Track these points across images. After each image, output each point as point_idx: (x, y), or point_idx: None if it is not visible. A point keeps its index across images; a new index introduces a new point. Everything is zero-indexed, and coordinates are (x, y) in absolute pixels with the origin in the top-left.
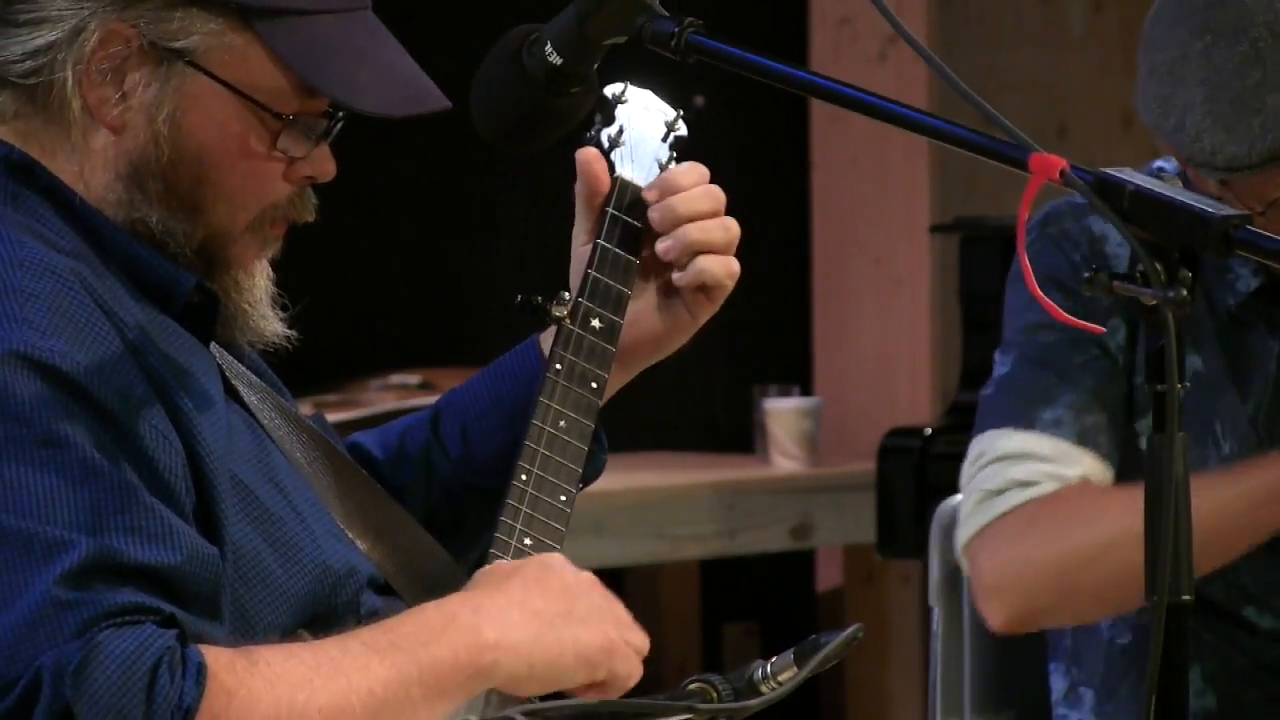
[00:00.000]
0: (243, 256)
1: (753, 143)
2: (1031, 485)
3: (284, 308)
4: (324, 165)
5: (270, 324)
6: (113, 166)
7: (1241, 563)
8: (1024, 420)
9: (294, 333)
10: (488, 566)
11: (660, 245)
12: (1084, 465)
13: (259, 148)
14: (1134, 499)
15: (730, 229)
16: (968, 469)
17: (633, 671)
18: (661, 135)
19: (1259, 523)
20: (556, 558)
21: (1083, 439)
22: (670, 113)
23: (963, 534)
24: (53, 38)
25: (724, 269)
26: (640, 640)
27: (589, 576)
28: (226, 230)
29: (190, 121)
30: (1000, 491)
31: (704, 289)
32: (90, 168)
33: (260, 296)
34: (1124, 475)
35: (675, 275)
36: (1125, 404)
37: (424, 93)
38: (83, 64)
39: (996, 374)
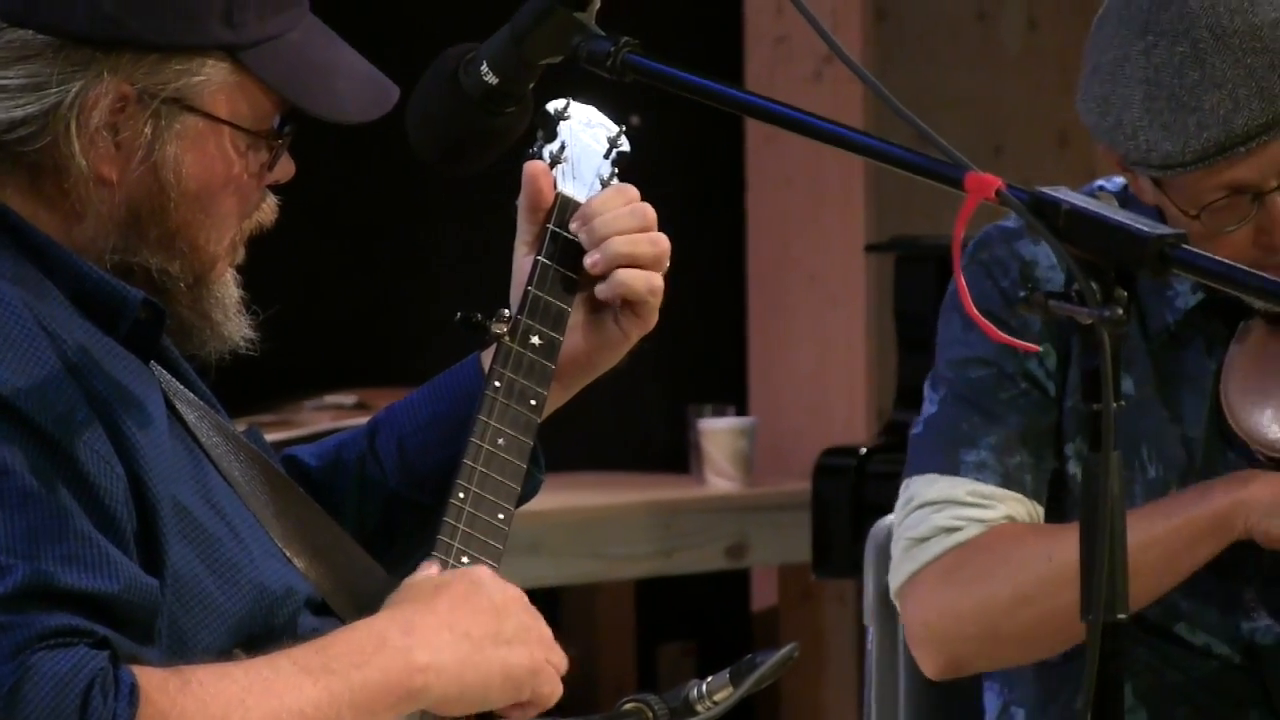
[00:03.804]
0: (223, 271)
1: (688, 162)
2: (955, 531)
3: (254, 314)
4: (286, 168)
5: (239, 329)
6: (110, 216)
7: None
8: (948, 465)
9: (257, 335)
10: (415, 576)
11: (588, 259)
12: (1008, 507)
13: (250, 170)
14: (1053, 544)
15: (658, 243)
16: (898, 513)
17: (555, 691)
18: (604, 151)
19: (1193, 557)
20: (484, 573)
21: (1007, 481)
22: (613, 129)
23: (893, 581)
24: (51, 103)
25: (644, 283)
26: (560, 659)
27: (515, 593)
28: (216, 255)
29: (190, 162)
30: (925, 539)
31: (631, 305)
32: (79, 217)
33: (230, 304)
34: (1055, 502)
35: (598, 288)
36: (1055, 433)
37: (385, 89)
38: (85, 127)
39: (925, 412)
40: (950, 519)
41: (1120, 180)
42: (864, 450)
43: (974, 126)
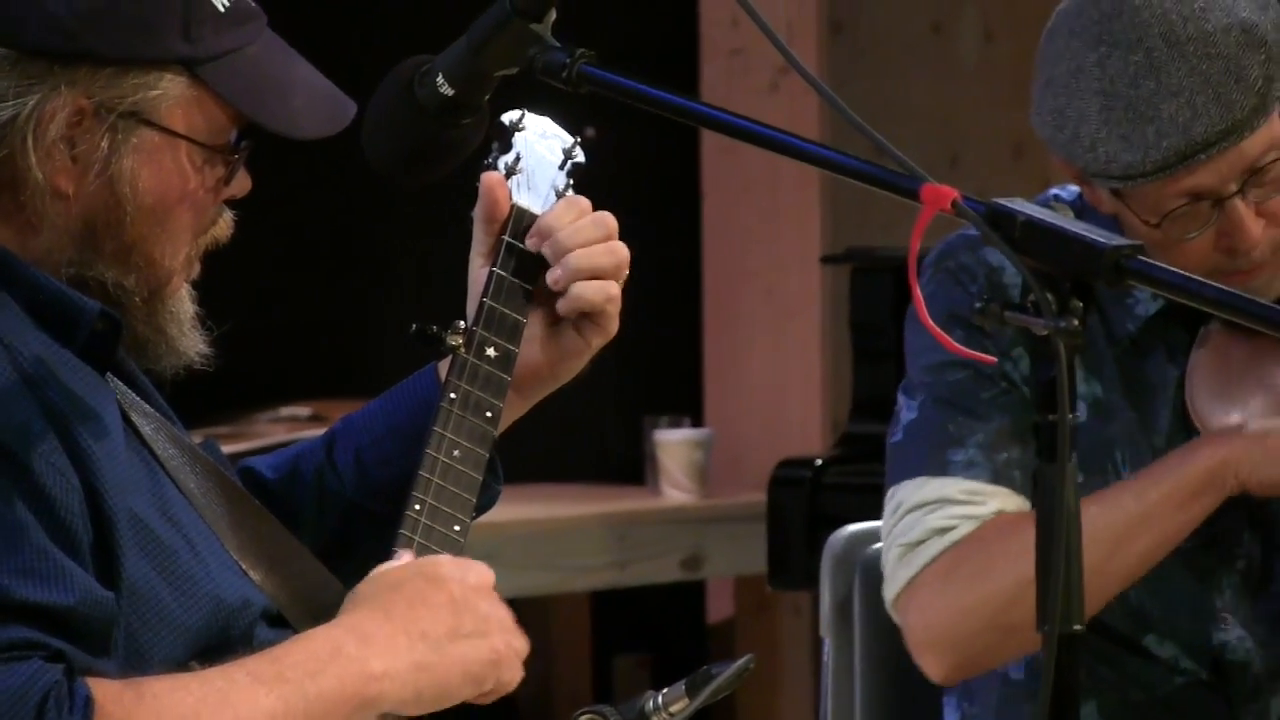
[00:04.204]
0: (178, 286)
1: (644, 173)
2: (949, 530)
3: (208, 329)
4: (243, 183)
5: (194, 344)
6: (66, 229)
7: (1144, 590)
8: (936, 466)
9: (212, 350)
10: (374, 574)
11: (550, 275)
12: (1000, 502)
13: (206, 185)
14: None
15: (617, 252)
16: (886, 521)
17: (516, 677)
18: (559, 163)
19: (1187, 518)
20: (445, 564)
21: (997, 477)
22: (568, 140)
23: (889, 590)
24: (8, 116)
25: (601, 294)
26: (522, 644)
27: (476, 579)
28: (171, 269)
29: (147, 176)
30: (920, 542)
31: (589, 316)
32: (35, 230)
33: (185, 318)
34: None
35: (558, 303)
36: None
37: (342, 105)
38: (42, 140)
39: (904, 419)
40: (943, 519)
41: (1076, 189)
42: (820, 462)
43: (930, 138)
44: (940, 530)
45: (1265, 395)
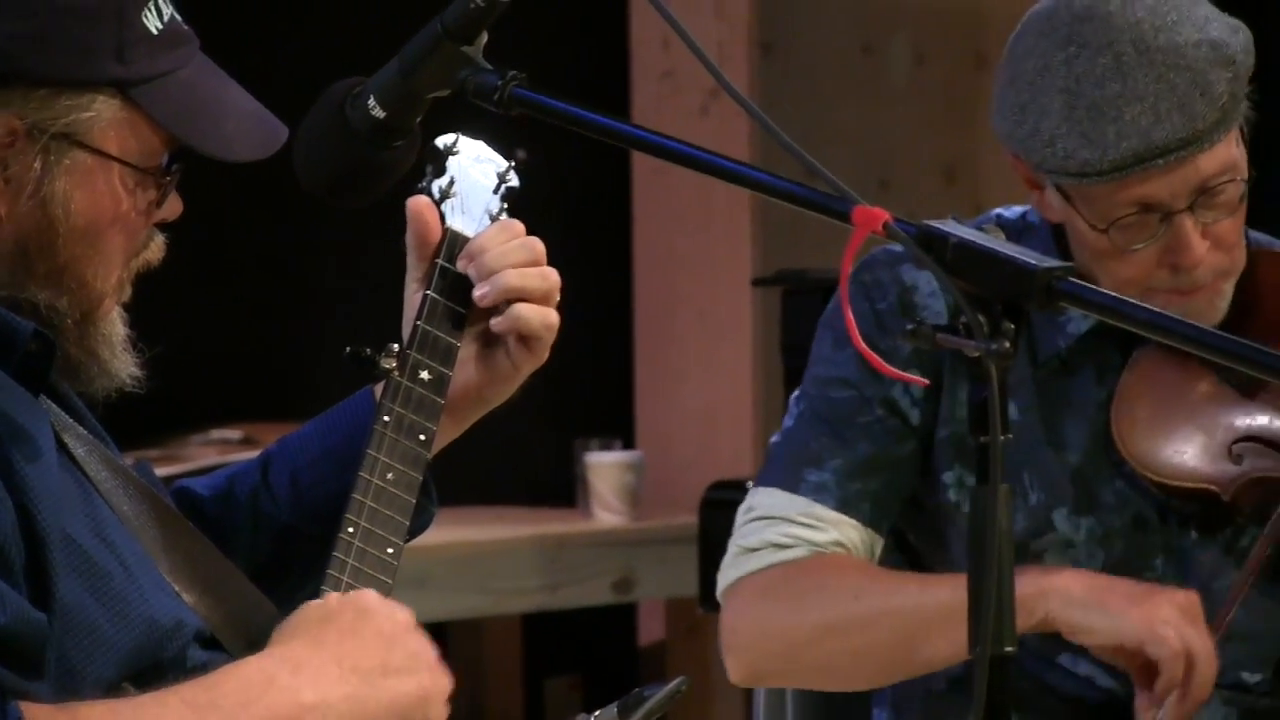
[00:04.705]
0: (110, 308)
1: (575, 196)
2: (784, 549)
3: (140, 352)
4: (174, 206)
5: (126, 367)
6: None
7: None
8: (790, 481)
9: (143, 373)
10: (305, 607)
11: (477, 291)
12: (840, 531)
13: (138, 208)
14: (868, 585)
15: (549, 277)
16: (737, 518)
17: (441, 716)
18: (493, 186)
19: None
20: (372, 599)
21: (844, 506)
22: (502, 164)
23: (720, 583)
24: None
25: (540, 318)
26: (447, 683)
27: (404, 617)
28: (103, 292)
29: (79, 198)
30: (754, 550)
31: (524, 340)
32: None
33: (117, 341)
34: (931, 528)
35: (493, 321)
36: (918, 463)
37: (274, 128)
38: None
39: (785, 423)
40: (780, 535)
41: (1019, 209)
42: (751, 484)
43: (860, 160)
44: (776, 545)
45: (1192, 426)
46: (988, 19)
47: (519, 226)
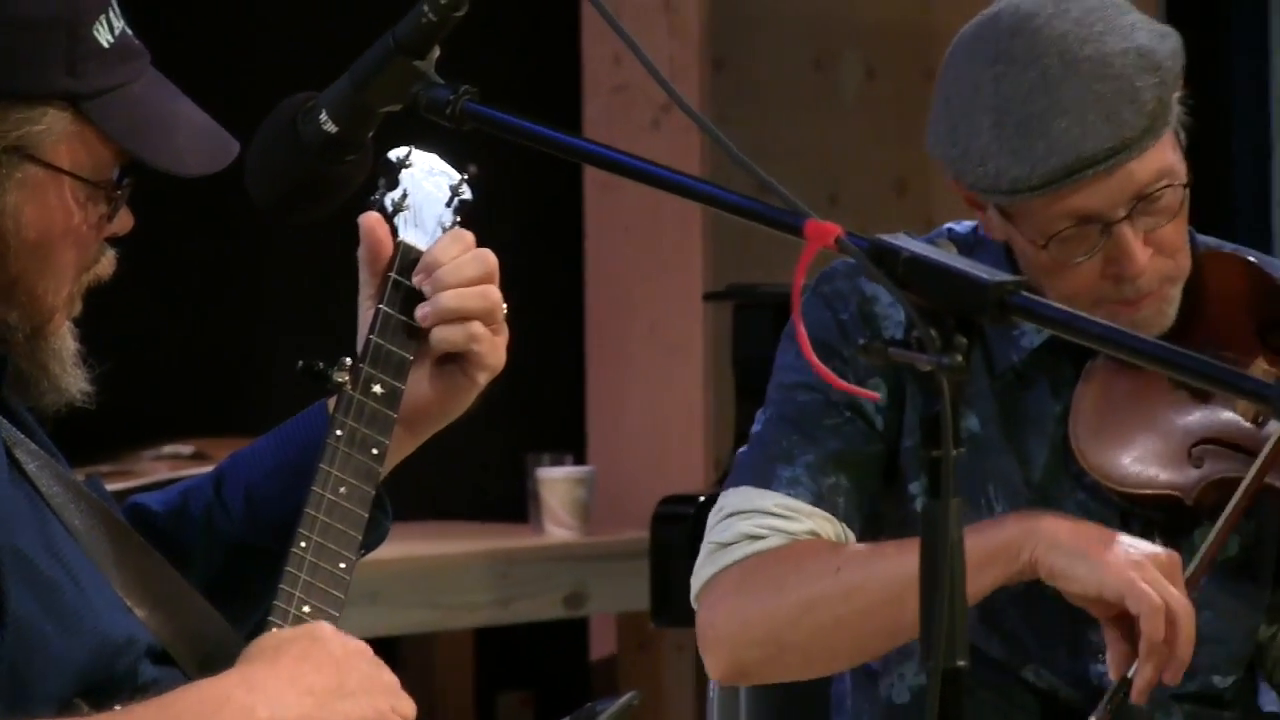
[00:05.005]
0: (60, 323)
1: (527, 210)
2: (759, 539)
3: (90, 366)
4: (126, 220)
5: (76, 382)
6: None
7: (1021, 623)
8: (762, 478)
9: (94, 388)
10: (261, 637)
11: (419, 312)
12: (815, 523)
13: (89, 222)
14: (843, 560)
15: (489, 296)
16: (710, 520)
17: None
18: (446, 199)
19: (978, 582)
20: (325, 628)
21: (819, 500)
22: (455, 176)
23: (694, 584)
24: None
25: (463, 335)
26: (408, 707)
27: (358, 646)
28: (54, 306)
29: (30, 212)
30: (728, 544)
31: (465, 354)
32: None
33: (67, 356)
34: (899, 536)
35: (431, 339)
36: (884, 466)
37: (225, 142)
38: None
39: (753, 430)
40: (755, 526)
41: (970, 224)
42: (702, 498)
43: (811, 175)
44: (751, 536)
45: (1150, 433)
46: (938, 33)
47: (470, 238)
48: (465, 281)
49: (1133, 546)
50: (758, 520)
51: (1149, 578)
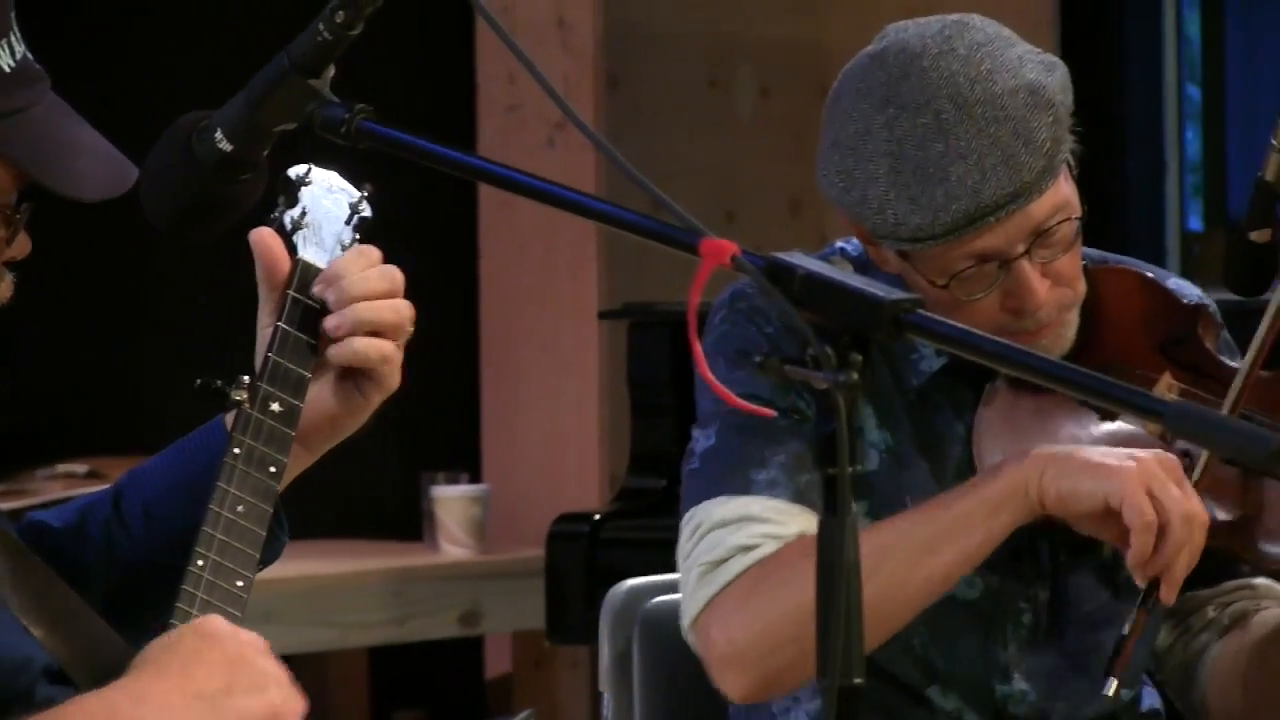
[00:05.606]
0: None
1: (422, 228)
2: (753, 549)
3: None
4: (24, 244)
5: None
6: None
7: (930, 641)
8: (738, 485)
9: None
10: (152, 643)
11: (329, 321)
12: (801, 523)
13: None
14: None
15: (401, 310)
16: (684, 544)
17: None
18: (345, 217)
19: (991, 531)
20: (218, 624)
21: (799, 497)
22: (354, 194)
23: (689, 610)
24: None
25: (377, 352)
26: (299, 703)
27: (250, 638)
28: None
29: None
30: (723, 560)
31: (366, 371)
32: None
33: None
34: None
35: (330, 351)
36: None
37: (124, 167)
38: None
39: (700, 449)
40: (747, 537)
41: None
42: (597, 517)
43: (706, 193)
44: (744, 548)
45: (1055, 445)
46: (832, 51)
47: (376, 254)
48: (374, 294)
49: (1132, 454)
50: (748, 530)
51: (1155, 486)
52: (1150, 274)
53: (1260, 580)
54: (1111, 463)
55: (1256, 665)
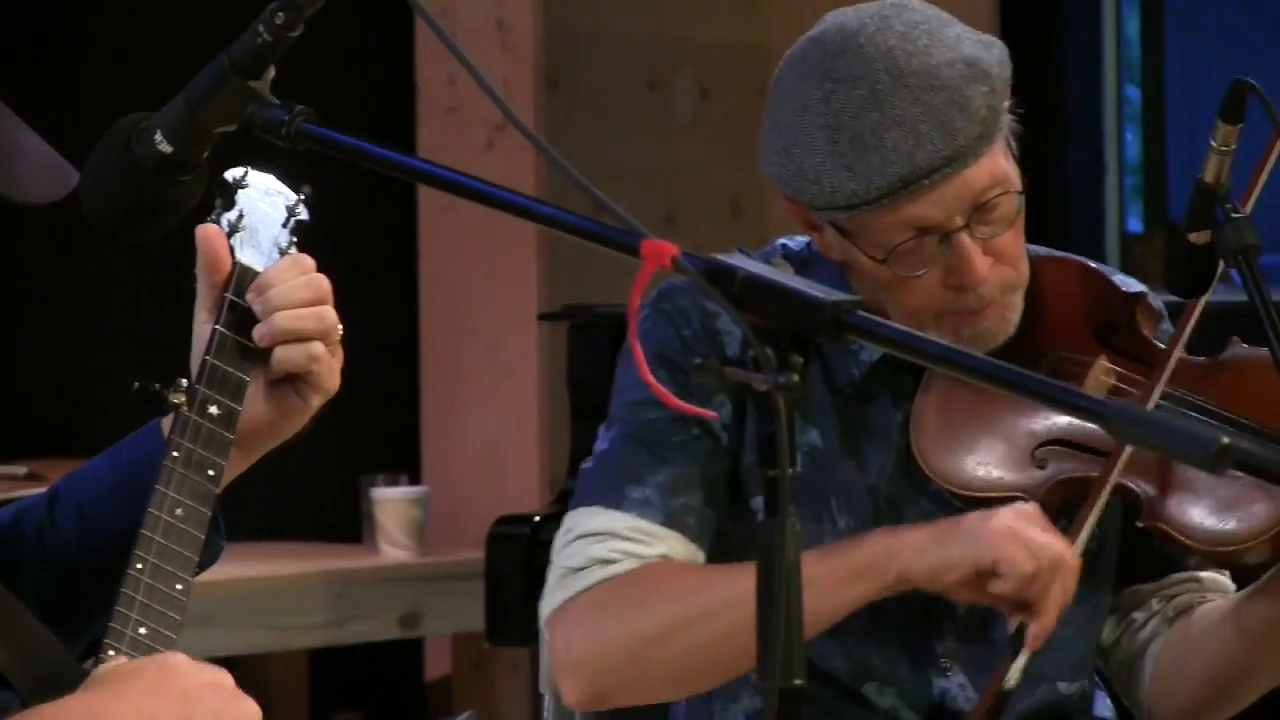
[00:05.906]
0: None
1: (361, 230)
2: (611, 564)
3: None
4: None
5: None
6: None
7: (866, 638)
8: (612, 499)
9: None
10: (107, 664)
11: (256, 331)
12: (667, 545)
13: None
14: (708, 578)
15: (325, 318)
16: (556, 543)
17: None
18: (282, 220)
19: (846, 598)
20: (179, 659)
21: (670, 520)
22: (292, 197)
23: (544, 609)
24: None
25: (304, 355)
26: None
27: (210, 677)
28: None
29: None
30: (580, 569)
31: (302, 375)
32: None
33: None
34: (743, 553)
35: (272, 362)
36: (729, 482)
37: (65, 171)
38: None
39: (597, 449)
40: (607, 551)
41: (803, 239)
42: (537, 518)
43: (646, 195)
44: (603, 561)
45: (992, 437)
46: (772, 53)
47: (309, 262)
48: (298, 304)
49: (986, 515)
50: (610, 544)
51: (1022, 536)
52: (1094, 266)
53: (1206, 574)
54: (975, 527)
55: (1198, 656)
